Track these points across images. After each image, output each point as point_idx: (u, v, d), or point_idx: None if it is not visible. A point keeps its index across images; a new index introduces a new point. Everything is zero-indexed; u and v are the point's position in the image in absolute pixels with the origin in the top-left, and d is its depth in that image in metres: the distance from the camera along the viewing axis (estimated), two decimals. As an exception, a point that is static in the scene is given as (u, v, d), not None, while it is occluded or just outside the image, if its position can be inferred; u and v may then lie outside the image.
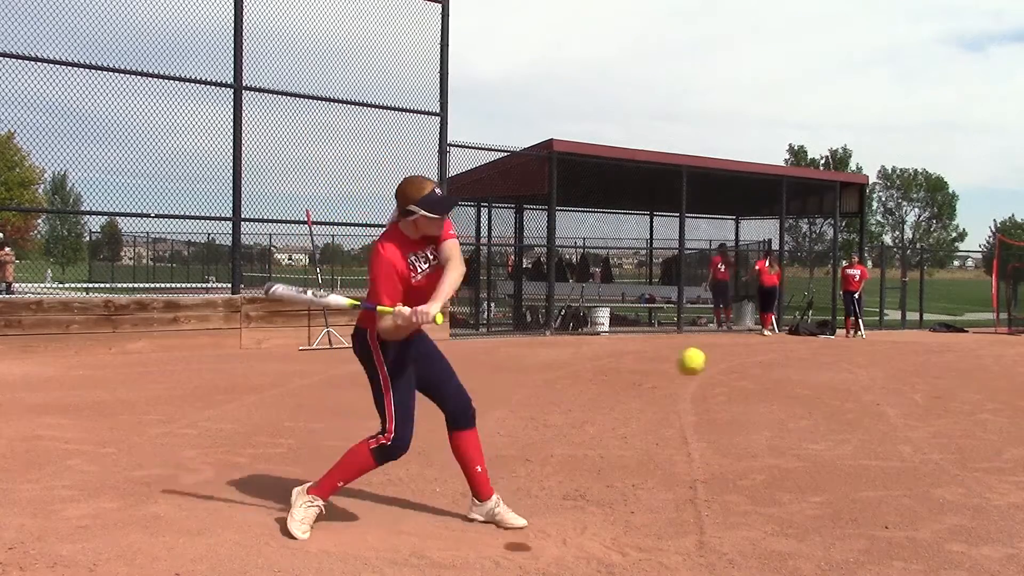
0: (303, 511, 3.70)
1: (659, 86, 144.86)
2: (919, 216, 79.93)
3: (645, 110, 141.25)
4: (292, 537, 3.63)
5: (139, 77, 10.50)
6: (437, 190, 3.67)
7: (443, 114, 13.14)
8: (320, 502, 3.74)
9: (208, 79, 11.12)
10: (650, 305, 18.87)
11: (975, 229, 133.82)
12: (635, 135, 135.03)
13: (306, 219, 11.93)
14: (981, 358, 12.80)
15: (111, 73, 10.28)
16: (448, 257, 3.71)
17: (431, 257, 3.73)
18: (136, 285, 24.58)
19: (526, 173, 15.24)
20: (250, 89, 11.31)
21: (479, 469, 3.92)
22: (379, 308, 3.56)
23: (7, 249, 16.13)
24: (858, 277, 16.90)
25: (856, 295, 16.79)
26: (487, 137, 18.30)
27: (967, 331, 18.87)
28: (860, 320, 16.89)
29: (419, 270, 3.70)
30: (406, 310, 3.51)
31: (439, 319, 3.51)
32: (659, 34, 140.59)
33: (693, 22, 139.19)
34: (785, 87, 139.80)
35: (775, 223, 18.75)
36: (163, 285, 24.88)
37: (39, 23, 9.79)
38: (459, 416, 3.90)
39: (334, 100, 12.09)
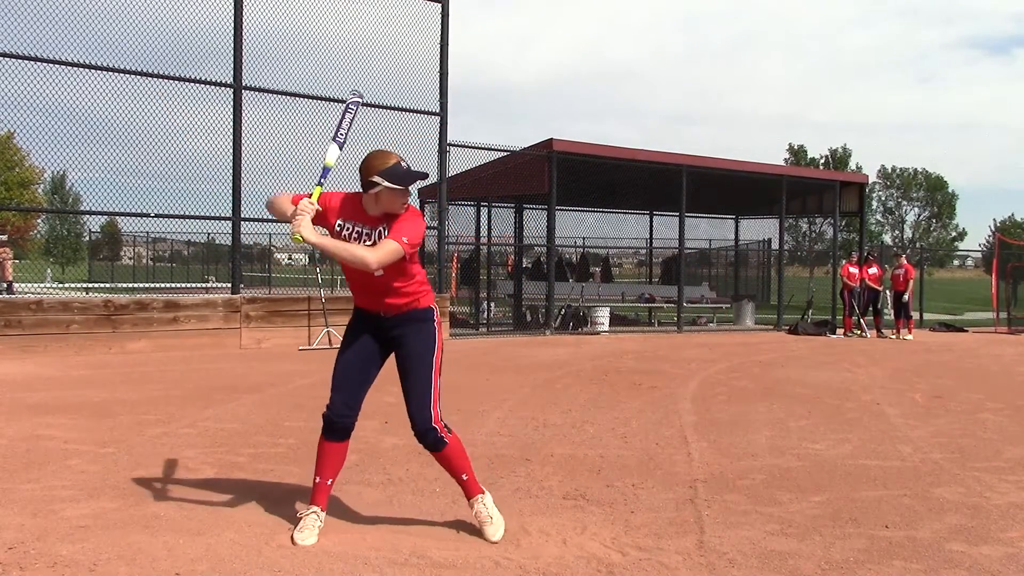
0: (302, 522, 3.66)
1: (675, 89, 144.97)
2: (919, 216, 79.93)
3: (664, 112, 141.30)
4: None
5: (139, 77, 10.49)
6: (402, 163, 3.52)
7: (443, 114, 13.16)
8: (315, 508, 3.69)
9: (208, 79, 11.12)
10: (650, 305, 18.88)
11: (975, 229, 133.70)
12: (650, 137, 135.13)
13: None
14: (981, 358, 12.80)
15: (111, 73, 10.27)
16: (379, 242, 3.50)
17: (374, 237, 3.56)
18: (136, 285, 24.60)
19: (526, 172, 15.24)
20: (250, 89, 11.32)
21: (464, 477, 3.77)
22: (321, 182, 3.65)
23: (6, 249, 16.11)
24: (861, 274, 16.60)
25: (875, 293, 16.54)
26: (503, 138, 18.27)
27: (967, 331, 18.85)
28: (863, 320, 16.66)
29: (342, 237, 3.58)
30: (308, 207, 3.49)
31: (296, 237, 3.42)
32: (678, 39, 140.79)
33: (712, 27, 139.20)
34: (790, 88, 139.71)
35: (775, 223, 18.76)
36: (163, 285, 24.90)
37: (39, 23, 9.80)
38: (418, 438, 3.69)
39: (334, 100, 12.08)
